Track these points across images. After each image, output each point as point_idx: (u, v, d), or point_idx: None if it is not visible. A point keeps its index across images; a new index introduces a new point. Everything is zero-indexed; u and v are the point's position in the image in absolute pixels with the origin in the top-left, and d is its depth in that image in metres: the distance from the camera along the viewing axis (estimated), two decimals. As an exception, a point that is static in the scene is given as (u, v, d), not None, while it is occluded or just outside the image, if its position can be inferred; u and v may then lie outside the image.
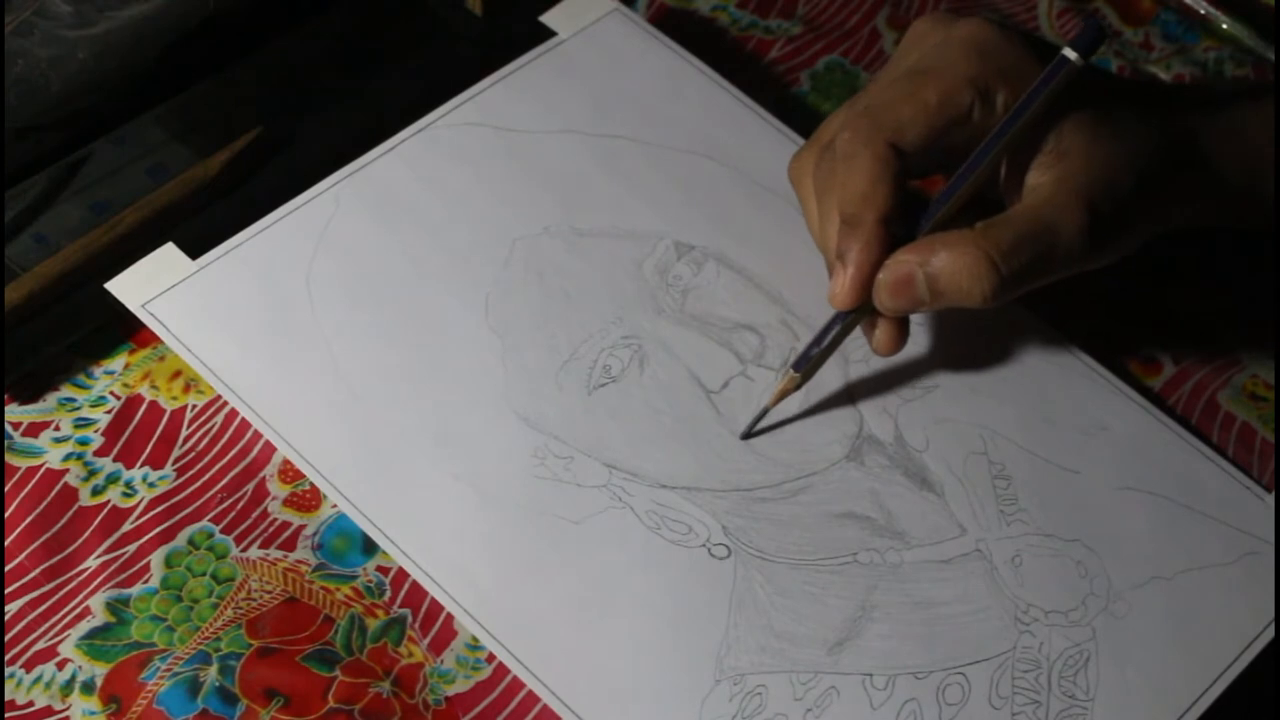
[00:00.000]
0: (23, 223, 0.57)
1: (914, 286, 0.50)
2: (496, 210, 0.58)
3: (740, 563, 0.51)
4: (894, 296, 0.51)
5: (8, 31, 0.57)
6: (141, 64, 0.59)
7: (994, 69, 0.51)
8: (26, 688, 0.49)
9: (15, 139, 0.57)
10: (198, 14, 0.60)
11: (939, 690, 0.50)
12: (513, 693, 0.50)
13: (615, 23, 0.64)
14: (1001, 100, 0.51)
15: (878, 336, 0.53)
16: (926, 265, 0.50)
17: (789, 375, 0.53)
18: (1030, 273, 0.50)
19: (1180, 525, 0.54)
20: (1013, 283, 0.50)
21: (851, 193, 0.51)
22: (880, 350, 0.53)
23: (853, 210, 0.51)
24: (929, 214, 0.51)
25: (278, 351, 0.54)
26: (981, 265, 0.50)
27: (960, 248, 0.50)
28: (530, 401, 0.54)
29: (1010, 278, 0.50)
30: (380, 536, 0.50)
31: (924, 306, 0.51)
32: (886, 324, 0.53)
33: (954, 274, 0.50)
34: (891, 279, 0.51)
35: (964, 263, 0.50)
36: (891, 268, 0.51)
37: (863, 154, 0.51)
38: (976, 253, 0.50)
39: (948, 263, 0.50)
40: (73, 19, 0.58)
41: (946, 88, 0.51)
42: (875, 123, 0.51)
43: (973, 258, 0.50)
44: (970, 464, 0.54)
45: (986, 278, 0.50)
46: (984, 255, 0.50)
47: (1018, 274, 0.50)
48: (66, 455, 0.54)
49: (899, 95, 0.52)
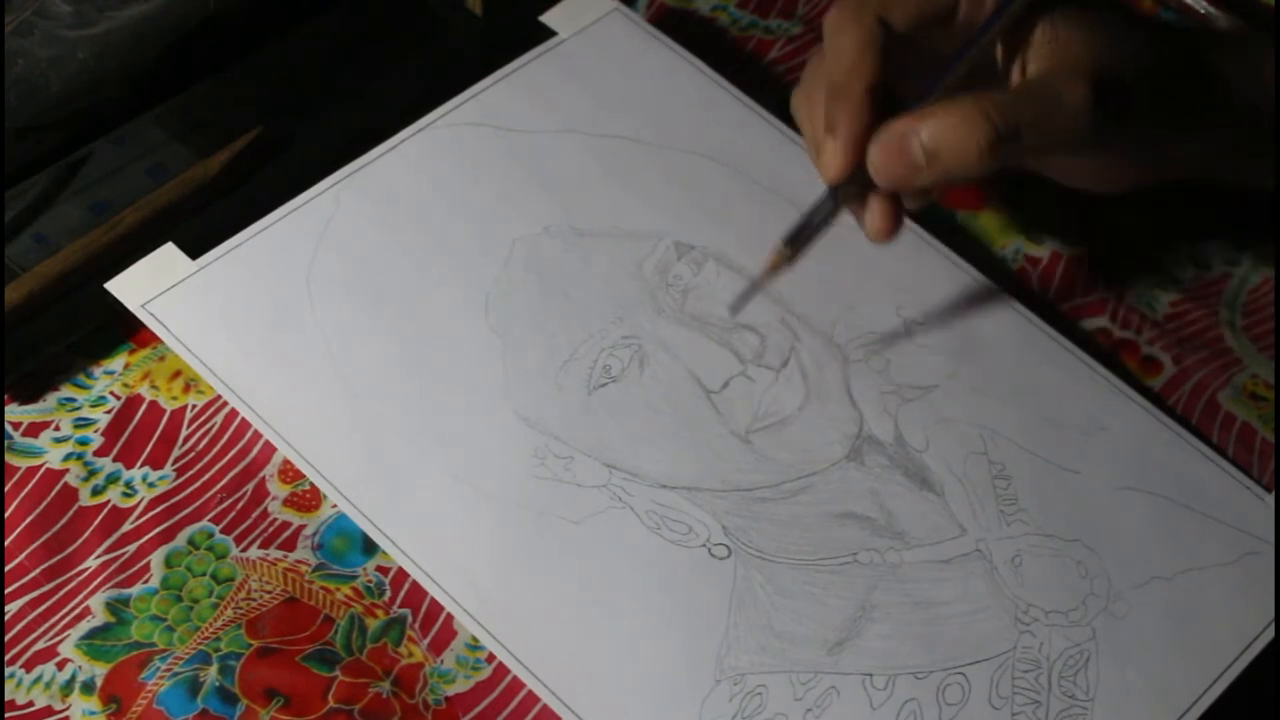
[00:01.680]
0: (23, 223, 0.57)
1: (908, 148, 0.49)
2: (496, 210, 0.58)
3: (740, 563, 0.51)
4: (887, 158, 0.49)
5: (8, 31, 0.57)
6: (141, 64, 0.59)
7: None
8: (26, 688, 0.49)
9: (15, 139, 0.57)
10: (198, 14, 0.60)
11: (939, 690, 0.50)
12: (513, 693, 0.50)
13: (615, 23, 0.64)
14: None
15: (869, 220, 0.52)
16: (920, 123, 0.49)
17: (780, 250, 0.52)
18: (1028, 132, 0.49)
19: (1180, 525, 0.54)
20: (1009, 136, 0.48)
21: (838, 63, 0.50)
22: (874, 235, 0.52)
23: (840, 79, 0.50)
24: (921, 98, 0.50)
25: (278, 351, 0.54)
26: (975, 117, 0.48)
27: (955, 104, 0.49)
28: (530, 401, 0.54)
29: (1006, 131, 0.48)
30: (380, 536, 0.50)
31: (920, 174, 0.49)
32: (878, 204, 0.51)
33: (948, 128, 0.48)
34: (884, 140, 0.49)
35: (958, 116, 0.48)
36: (884, 130, 0.49)
37: (849, 27, 0.50)
38: (971, 107, 0.48)
39: (942, 118, 0.48)
40: (73, 19, 0.58)
41: None
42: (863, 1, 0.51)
43: (967, 110, 0.48)
44: (970, 464, 0.54)
45: (981, 129, 0.48)
46: (978, 108, 0.48)
47: (1013, 129, 0.48)
48: (66, 455, 0.54)
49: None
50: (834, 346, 0.56)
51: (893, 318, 0.57)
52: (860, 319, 0.57)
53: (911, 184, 0.50)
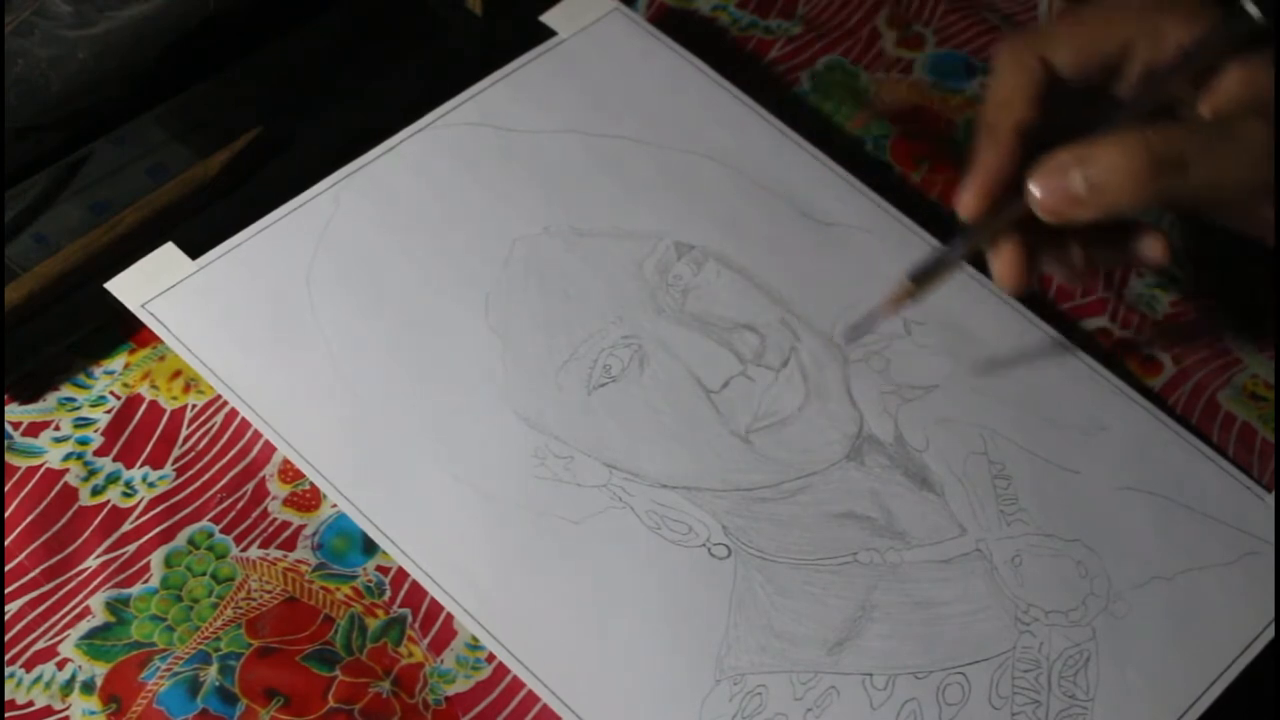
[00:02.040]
0: (23, 223, 0.57)
1: (1068, 178, 0.47)
2: (496, 210, 0.58)
3: (740, 562, 0.51)
4: (1045, 189, 0.47)
5: (8, 31, 0.57)
6: (141, 64, 0.59)
7: (1169, 9, 0.50)
8: (26, 687, 0.49)
9: (15, 139, 0.57)
10: (198, 14, 0.60)
11: (939, 690, 0.50)
12: (513, 692, 0.50)
13: (615, 23, 0.64)
14: (1172, 34, 0.49)
15: (997, 266, 0.50)
16: (1083, 157, 0.47)
17: (905, 285, 0.51)
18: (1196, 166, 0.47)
19: (1180, 525, 0.54)
20: (1171, 166, 0.46)
21: (992, 100, 0.50)
22: (1000, 282, 0.50)
23: (991, 117, 0.49)
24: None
25: (278, 351, 0.54)
26: (1136, 145, 0.46)
27: (1117, 137, 0.47)
28: (530, 401, 0.54)
29: (1168, 160, 0.46)
30: (380, 536, 0.50)
31: (1081, 207, 0.47)
32: (1008, 251, 0.50)
33: (1109, 157, 0.46)
34: (1043, 169, 0.48)
35: (1119, 145, 0.47)
36: (1044, 160, 0.48)
37: (1008, 63, 0.50)
38: (1132, 135, 0.47)
39: (1102, 147, 0.47)
40: (73, 19, 0.58)
41: (1112, 17, 0.50)
42: (1028, 36, 0.50)
43: (1129, 139, 0.47)
44: (970, 464, 0.54)
45: (1141, 156, 0.46)
46: (1140, 136, 0.46)
47: (1177, 159, 0.46)
48: (66, 455, 0.54)
49: (1062, 18, 0.51)
50: (834, 346, 0.56)
51: (893, 317, 0.57)
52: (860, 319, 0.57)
53: (1072, 217, 0.48)
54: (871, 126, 0.66)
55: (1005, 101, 0.49)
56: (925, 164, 0.65)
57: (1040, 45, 0.50)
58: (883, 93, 0.67)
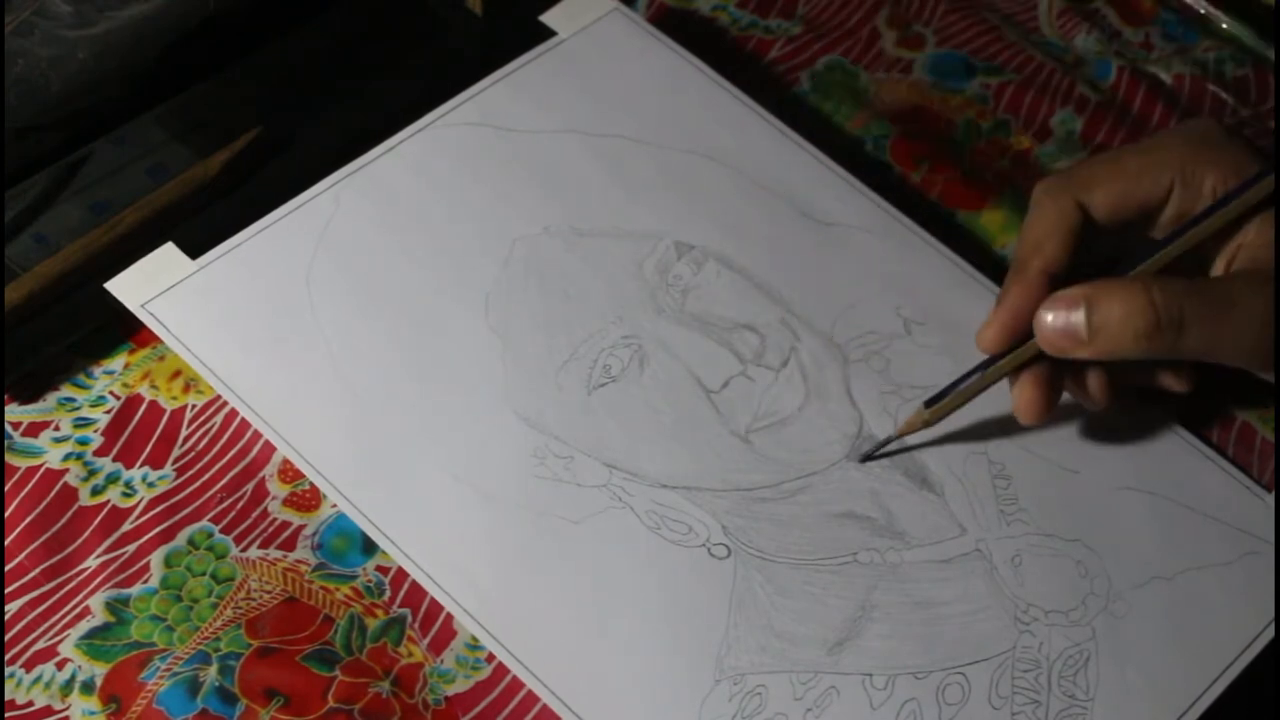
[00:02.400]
0: (23, 223, 0.57)
1: (1071, 317, 0.49)
2: (496, 210, 0.58)
3: (740, 562, 0.51)
4: (1051, 326, 0.49)
5: (8, 31, 0.57)
6: (141, 64, 0.59)
7: (1206, 156, 0.51)
8: (26, 688, 0.49)
9: (15, 139, 0.57)
10: (198, 14, 0.60)
11: (939, 690, 0.50)
12: (512, 693, 0.50)
13: (615, 23, 0.64)
14: (1209, 185, 0.51)
15: (1018, 395, 0.51)
16: (1090, 299, 0.48)
17: (919, 411, 0.52)
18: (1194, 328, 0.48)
19: (1180, 525, 0.54)
20: (1170, 326, 0.48)
21: (1025, 239, 0.51)
22: (1021, 413, 0.51)
23: (1022, 256, 0.51)
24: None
25: (278, 351, 0.54)
26: (1138, 299, 0.48)
27: (1124, 283, 0.48)
28: (530, 401, 0.54)
29: (1167, 320, 0.48)
30: (380, 536, 0.50)
31: (1081, 347, 0.49)
32: (1030, 382, 0.51)
33: (1110, 305, 0.48)
34: (1049, 306, 0.49)
35: (1121, 295, 0.48)
36: (1053, 298, 0.49)
37: (1045, 204, 0.51)
38: (1136, 288, 0.48)
39: (1106, 295, 0.48)
40: (73, 19, 0.58)
41: (1149, 161, 0.51)
42: (1067, 178, 0.52)
43: (1131, 291, 0.48)
44: (970, 464, 0.54)
45: (1141, 314, 0.48)
46: (1144, 291, 0.48)
47: (1176, 320, 0.48)
48: (66, 455, 0.54)
49: (1100, 160, 0.52)
50: (834, 346, 0.56)
51: (893, 318, 0.57)
52: (860, 319, 0.57)
53: (1073, 355, 0.49)
54: (871, 126, 0.66)
55: (1037, 244, 0.51)
56: (925, 164, 0.65)
57: (1078, 189, 0.51)
58: (883, 93, 0.67)
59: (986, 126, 0.67)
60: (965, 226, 0.63)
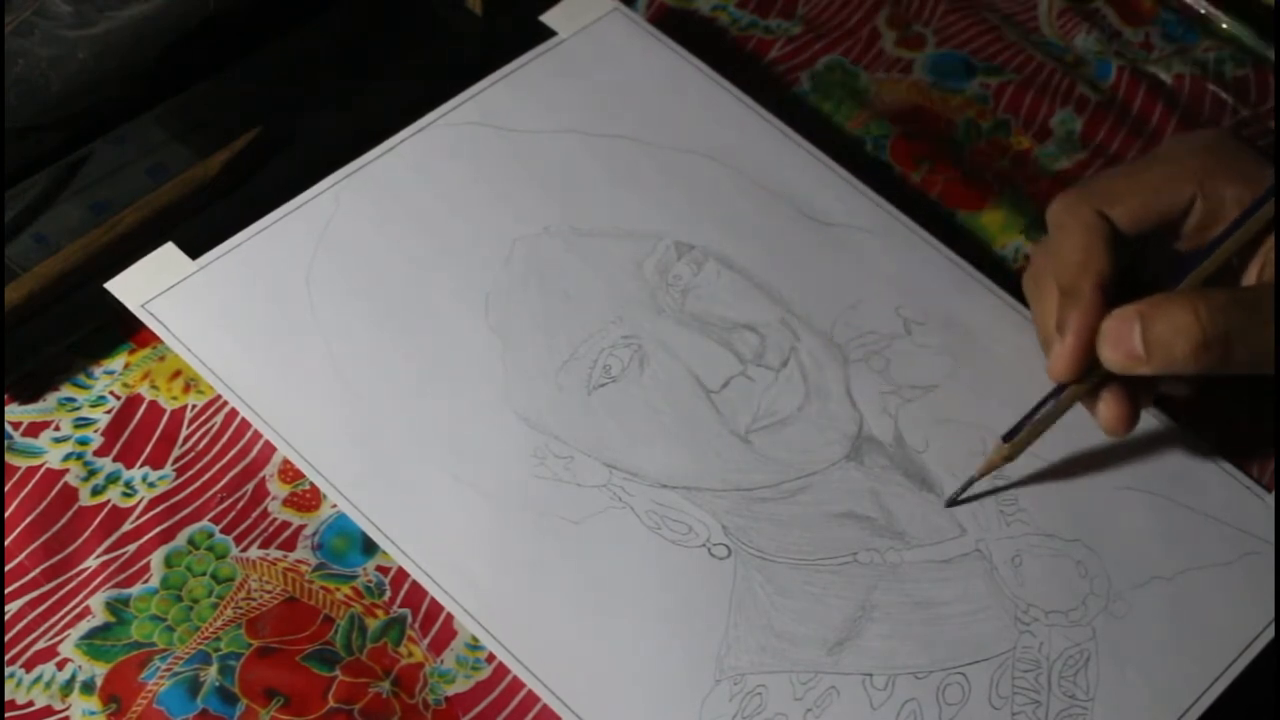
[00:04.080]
0: (23, 223, 0.57)
1: (1129, 341, 0.49)
2: (496, 210, 0.58)
3: (740, 562, 0.51)
4: (1111, 350, 0.49)
5: (8, 31, 0.57)
6: (141, 64, 0.59)
7: (1224, 166, 0.51)
8: (26, 688, 0.49)
9: (15, 139, 0.57)
10: (198, 14, 0.60)
11: (939, 690, 0.50)
12: (513, 693, 0.50)
13: (615, 23, 0.64)
14: (1231, 195, 0.50)
15: (1103, 413, 0.51)
16: (1144, 315, 0.48)
17: (998, 447, 0.52)
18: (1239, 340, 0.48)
19: (1180, 525, 0.54)
20: (1216, 342, 0.48)
21: (1065, 262, 0.50)
22: (1109, 429, 0.51)
23: (1069, 280, 0.50)
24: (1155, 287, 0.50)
25: (278, 351, 0.54)
26: (1186, 317, 0.48)
27: (1175, 299, 0.48)
28: (530, 401, 0.54)
29: (1214, 337, 0.48)
30: (380, 536, 0.50)
31: (1142, 365, 0.49)
32: (1113, 400, 0.51)
33: (1160, 325, 0.48)
34: (1107, 332, 0.49)
35: (1169, 315, 0.48)
36: (1108, 321, 0.49)
37: (1071, 222, 0.50)
38: (1185, 303, 0.48)
39: (1155, 315, 0.48)
40: (73, 19, 0.58)
41: (1168, 173, 0.51)
42: (1086, 192, 0.51)
43: (1178, 309, 0.48)
44: (970, 464, 0.54)
45: (1187, 331, 0.48)
46: (1190, 307, 0.48)
47: (1222, 335, 0.48)
48: (66, 455, 0.54)
49: (1118, 173, 0.52)
50: (834, 346, 0.56)
51: (893, 318, 0.57)
52: (860, 319, 0.57)
53: (1137, 373, 0.49)
54: (871, 126, 0.66)
55: (1082, 264, 0.50)
56: (925, 164, 0.65)
57: (1098, 201, 0.51)
58: (883, 93, 0.68)
59: (986, 126, 0.67)
60: (965, 226, 0.63)
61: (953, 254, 0.59)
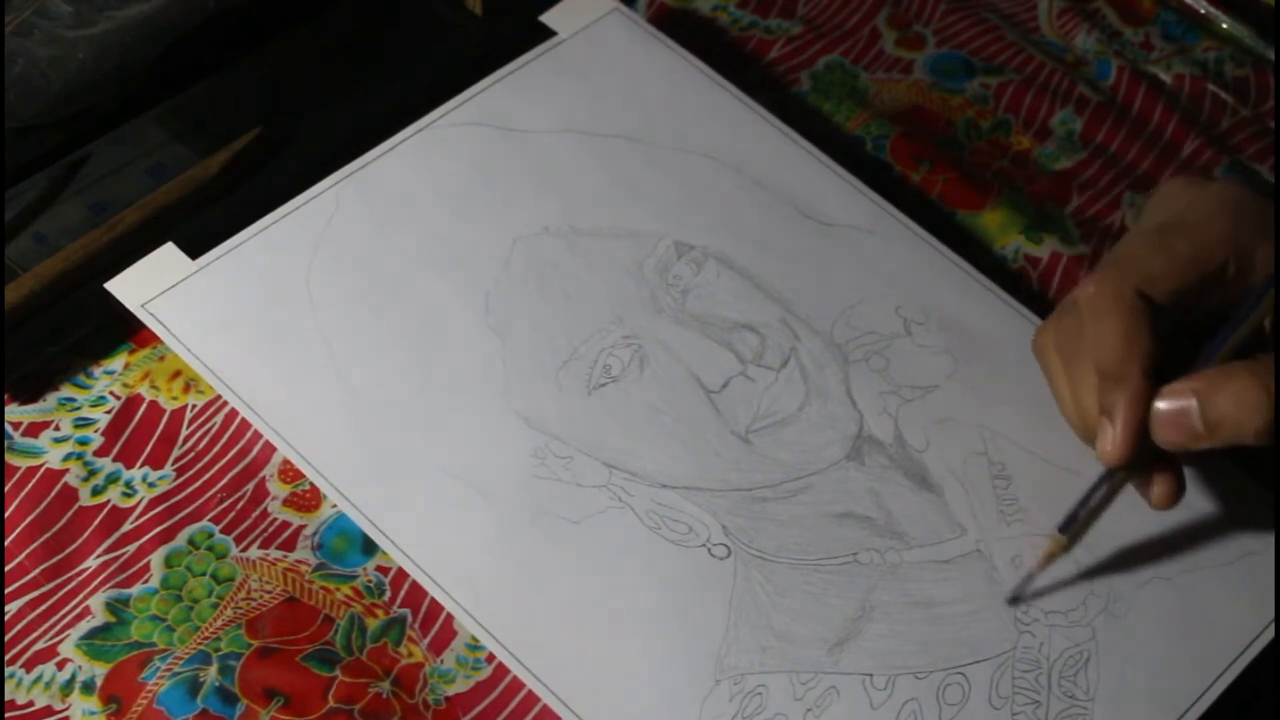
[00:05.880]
0: (23, 223, 0.57)
1: (1189, 417, 0.48)
2: (496, 210, 0.58)
3: (740, 562, 0.51)
4: (1168, 430, 0.48)
5: (8, 31, 0.57)
6: (141, 64, 0.59)
7: (1250, 225, 0.50)
8: (26, 688, 0.49)
9: (15, 139, 0.57)
10: (198, 14, 0.60)
11: (939, 690, 0.50)
12: (513, 693, 0.50)
13: (615, 23, 0.64)
14: (1261, 255, 0.50)
15: (1155, 492, 0.50)
16: (1201, 394, 0.47)
17: (1055, 539, 0.51)
18: None
19: (1180, 525, 0.54)
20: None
21: (1110, 347, 0.49)
22: (1159, 506, 0.51)
23: (1115, 366, 0.49)
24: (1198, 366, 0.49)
25: (278, 351, 0.54)
26: (1258, 395, 0.47)
27: (1237, 377, 0.47)
28: (530, 401, 0.54)
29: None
30: (380, 536, 0.50)
31: (1199, 441, 0.48)
32: (1163, 478, 0.50)
33: (1228, 402, 0.47)
34: (1164, 412, 0.48)
35: (1238, 389, 0.47)
36: (1168, 396, 0.48)
37: (1113, 308, 0.49)
38: (1252, 381, 0.47)
39: (1223, 392, 0.47)
40: (73, 19, 0.58)
41: (1200, 242, 0.50)
42: (1123, 274, 0.50)
43: (1247, 385, 0.47)
44: (970, 464, 0.54)
45: (1262, 409, 0.47)
46: (1261, 385, 0.47)
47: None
48: (66, 455, 0.54)
49: (1149, 248, 0.50)
50: (834, 346, 0.56)
51: (893, 318, 0.57)
52: (860, 319, 0.57)
53: (1193, 449, 0.49)
54: (871, 126, 0.66)
55: (1126, 348, 0.49)
56: (925, 164, 0.65)
57: (1137, 280, 0.49)
58: (883, 93, 0.68)
59: (986, 126, 0.67)
60: (965, 226, 0.63)
61: (953, 254, 0.59)
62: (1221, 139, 0.68)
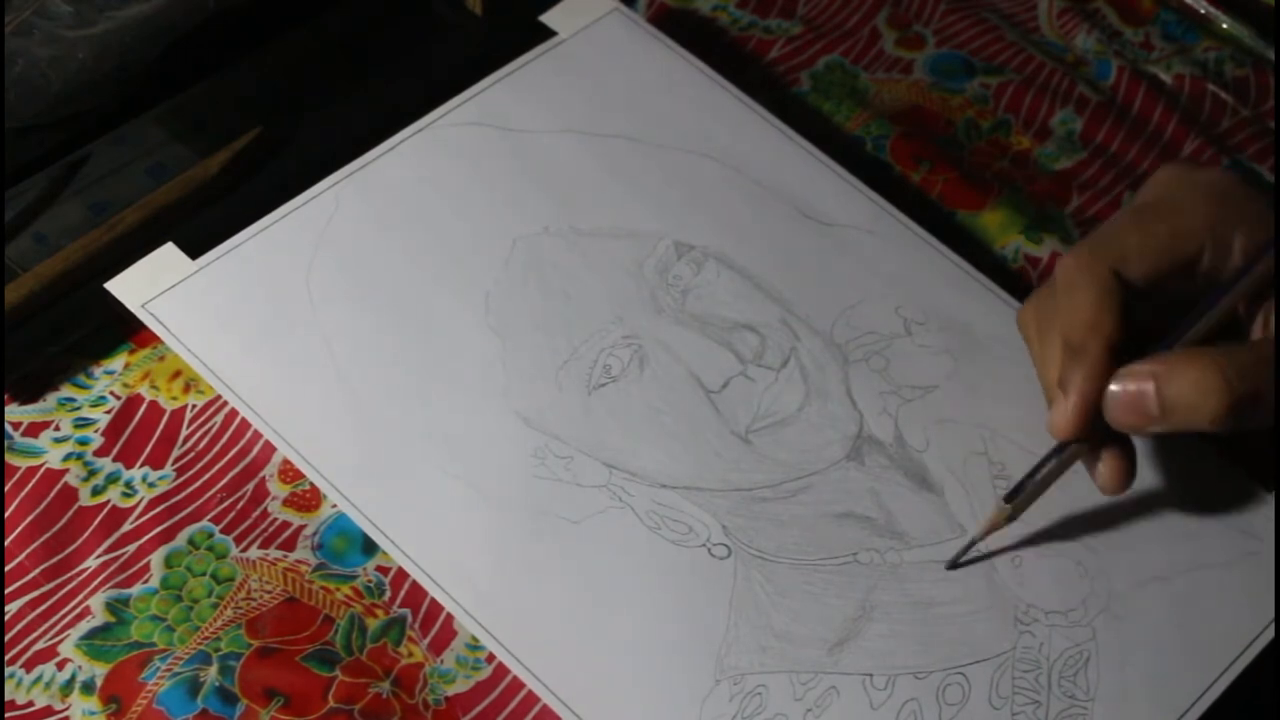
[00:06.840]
0: (23, 223, 0.57)
1: (1144, 400, 0.47)
2: (496, 210, 0.58)
3: (740, 562, 0.51)
4: (1121, 409, 0.48)
5: (8, 31, 0.57)
6: (141, 64, 0.59)
7: (1233, 214, 0.50)
8: (26, 688, 0.49)
9: (15, 139, 0.57)
10: (198, 14, 0.60)
11: (939, 690, 0.50)
12: (513, 693, 0.50)
13: (615, 23, 0.64)
14: (1239, 245, 0.49)
15: (1102, 472, 0.50)
16: (1159, 376, 0.47)
17: (1000, 508, 0.51)
18: (1266, 399, 0.47)
19: (1180, 525, 0.54)
20: (1247, 404, 0.47)
21: (1076, 320, 0.49)
22: (1107, 489, 0.51)
23: (1078, 338, 0.49)
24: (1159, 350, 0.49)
25: (278, 351, 0.54)
26: (1214, 379, 0.46)
27: (1194, 359, 0.47)
28: (530, 401, 0.54)
29: (1244, 398, 0.46)
30: (380, 536, 0.50)
31: (1153, 424, 0.47)
32: (1112, 459, 0.50)
33: (1184, 386, 0.47)
34: (1119, 390, 0.48)
35: (1195, 374, 0.47)
36: (1119, 378, 0.48)
37: (1084, 280, 0.49)
38: (1209, 364, 0.47)
39: (1182, 376, 0.47)
40: (73, 19, 0.58)
41: (1179, 225, 0.50)
42: (1098, 250, 0.50)
43: (1205, 369, 0.47)
44: (970, 464, 0.54)
45: (1217, 393, 0.46)
46: (1218, 368, 0.47)
47: (1252, 396, 0.47)
48: (66, 455, 0.54)
49: (1126, 226, 0.50)
50: (834, 346, 0.56)
51: (893, 318, 0.57)
52: (860, 319, 0.57)
53: (1145, 433, 0.49)
54: (871, 126, 0.66)
55: (1093, 324, 0.48)
56: (925, 164, 0.65)
57: (1112, 257, 0.49)
58: (882, 93, 0.68)
59: (986, 126, 0.67)
60: (965, 226, 0.63)
61: (953, 254, 0.59)
62: (1221, 139, 0.68)
